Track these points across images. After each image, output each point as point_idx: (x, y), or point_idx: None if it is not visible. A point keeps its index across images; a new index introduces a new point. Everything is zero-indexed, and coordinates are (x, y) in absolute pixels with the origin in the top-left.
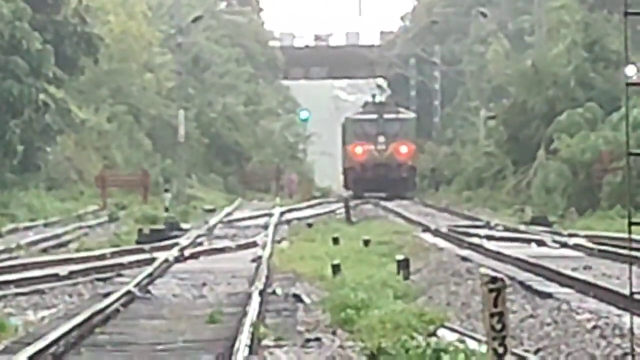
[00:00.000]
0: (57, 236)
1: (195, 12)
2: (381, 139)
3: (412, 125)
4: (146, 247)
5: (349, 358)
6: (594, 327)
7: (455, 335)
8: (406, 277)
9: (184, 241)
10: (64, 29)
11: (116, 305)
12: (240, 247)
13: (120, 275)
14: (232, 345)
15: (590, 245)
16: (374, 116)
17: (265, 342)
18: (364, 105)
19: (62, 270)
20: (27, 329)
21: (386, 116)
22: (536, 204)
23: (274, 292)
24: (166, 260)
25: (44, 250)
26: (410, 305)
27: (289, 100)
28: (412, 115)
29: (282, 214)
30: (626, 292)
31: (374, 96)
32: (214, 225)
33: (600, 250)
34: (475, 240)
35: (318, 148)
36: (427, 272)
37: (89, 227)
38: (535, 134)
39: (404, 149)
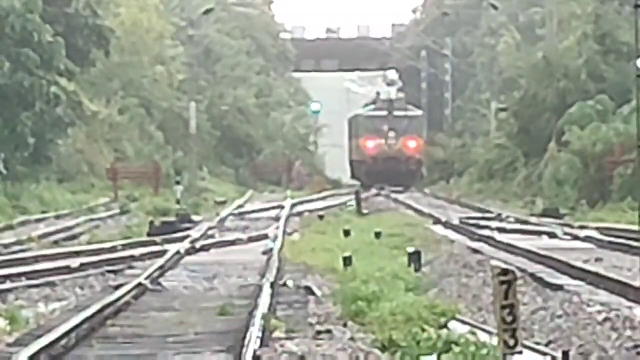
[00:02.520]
0: (69, 229)
1: (206, 4)
2: (391, 134)
3: (420, 122)
4: (158, 239)
5: (360, 350)
6: (605, 319)
7: (467, 328)
8: (417, 270)
9: (195, 233)
10: (76, 22)
11: (127, 297)
12: (252, 240)
13: (131, 267)
14: (244, 338)
15: (601, 237)
16: (385, 113)
17: (276, 334)
18: (374, 102)
19: (74, 262)
20: (39, 321)
21: (396, 113)
22: (547, 196)
23: (285, 285)
24: (178, 253)
25: (56, 243)
26: (422, 298)
27: (300, 93)
28: (420, 112)
29: (293, 206)
30: (637, 284)
31: (378, 93)
32: (226, 218)
33: (611, 243)
34: (487, 232)
35: (329, 140)
36: (438, 264)
37: (101, 219)
38: (546, 127)
39: (412, 144)
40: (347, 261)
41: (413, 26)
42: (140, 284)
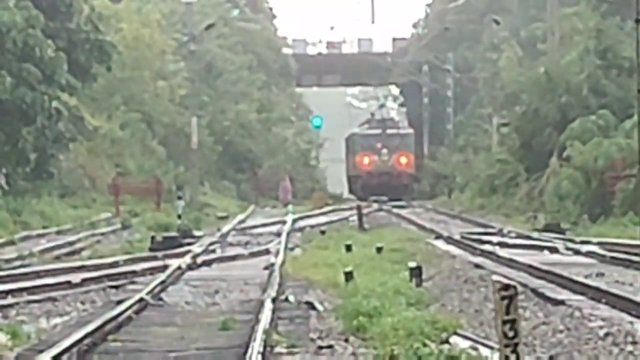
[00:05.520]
0: (70, 243)
1: (208, 19)
2: (384, 150)
3: (411, 139)
4: (159, 254)
5: None
6: (607, 334)
7: (468, 343)
8: (419, 285)
9: (196, 248)
10: (77, 37)
11: (129, 312)
12: (253, 255)
13: (133, 282)
14: (245, 353)
15: (603, 252)
16: (378, 131)
17: (277, 349)
18: (368, 121)
19: (75, 277)
20: (40, 336)
21: (388, 131)
22: (549, 211)
23: (286, 300)
24: (179, 268)
25: (57, 258)
26: (423, 313)
27: (302, 108)
28: (411, 130)
29: (294, 221)
30: (639, 299)
31: (372, 114)
32: (227, 233)
33: (612, 257)
34: (488, 247)
35: (330, 155)
36: (439, 279)
37: (102, 234)
38: (548, 141)
39: (404, 160)
40: (349, 276)
41: (414, 41)
42: (141, 299)
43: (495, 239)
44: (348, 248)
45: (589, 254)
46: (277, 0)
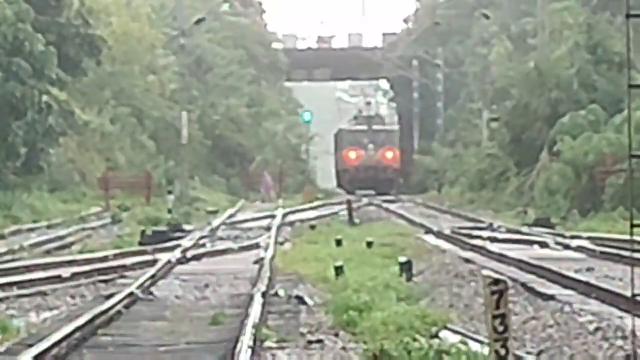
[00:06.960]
0: (60, 238)
1: (198, 13)
2: (371, 146)
3: (396, 135)
4: (149, 248)
5: None
6: (597, 329)
7: (458, 337)
8: (409, 279)
9: (186, 243)
10: (67, 31)
11: (119, 306)
12: (243, 249)
13: (122, 276)
14: (234, 347)
15: (592, 247)
16: (365, 127)
17: (267, 343)
18: (355, 118)
19: (65, 272)
20: (30, 330)
21: (375, 127)
22: (539, 206)
23: (276, 294)
24: (169, 262)
25: (47, 252)
26: (413, 307)
27: (292, 102)
28: (396, 126)
29: (284, 215)
30: (628, 293)
31: (360, 111)
32: (217, 227)
33: (602, 252)
34: (478, 242)
35: (320, 150)
36: (429, 274)
37: (92, 228)
38: (538, 136)
39: (389, 154)
40: (339, 270)
41: (404, 35)
42: (131, 293)
43: (485, 233)
44: (338, 242)
45: (578, 249)
46: None
